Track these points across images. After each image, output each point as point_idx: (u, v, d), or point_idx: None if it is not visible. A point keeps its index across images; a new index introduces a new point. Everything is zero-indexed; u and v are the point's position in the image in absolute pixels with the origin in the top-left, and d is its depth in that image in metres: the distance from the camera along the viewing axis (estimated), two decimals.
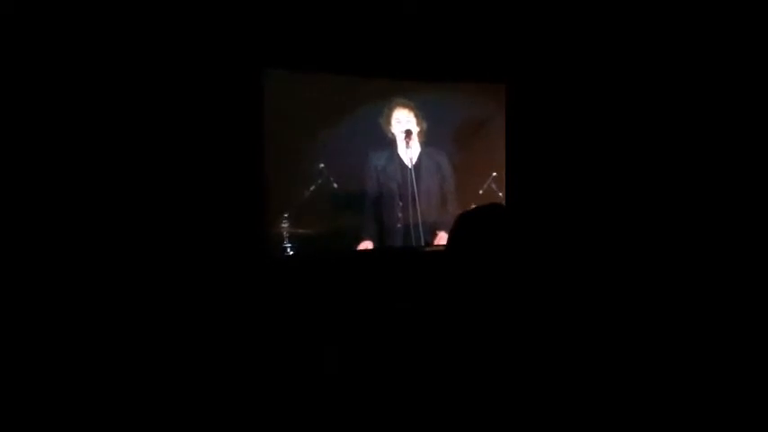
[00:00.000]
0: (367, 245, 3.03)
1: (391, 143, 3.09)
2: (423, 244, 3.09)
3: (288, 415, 2.02)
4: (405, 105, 3.13)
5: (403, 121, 3.11)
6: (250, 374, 2.25)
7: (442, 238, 3.14)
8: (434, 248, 3.10)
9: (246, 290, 2.60)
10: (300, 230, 2.85)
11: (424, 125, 3.15)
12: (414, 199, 3.06)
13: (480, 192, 3.24)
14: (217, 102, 2.61)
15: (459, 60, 3.12)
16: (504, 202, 3.20)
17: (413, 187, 3.06)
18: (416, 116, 3.14)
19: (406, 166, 3.08)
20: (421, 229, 3.08)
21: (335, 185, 2.94)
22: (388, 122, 3.09)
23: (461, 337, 1.00)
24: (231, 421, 2.04)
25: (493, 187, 3.25)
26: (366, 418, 1.04)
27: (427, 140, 3.15)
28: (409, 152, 3.08)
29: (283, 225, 2.83)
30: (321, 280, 2.79)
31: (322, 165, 2.91)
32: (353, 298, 2.69)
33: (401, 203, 3.07)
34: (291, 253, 2.85)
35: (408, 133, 3.07)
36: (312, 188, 2.89)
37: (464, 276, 1.05)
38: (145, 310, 2.36)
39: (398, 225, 3.08)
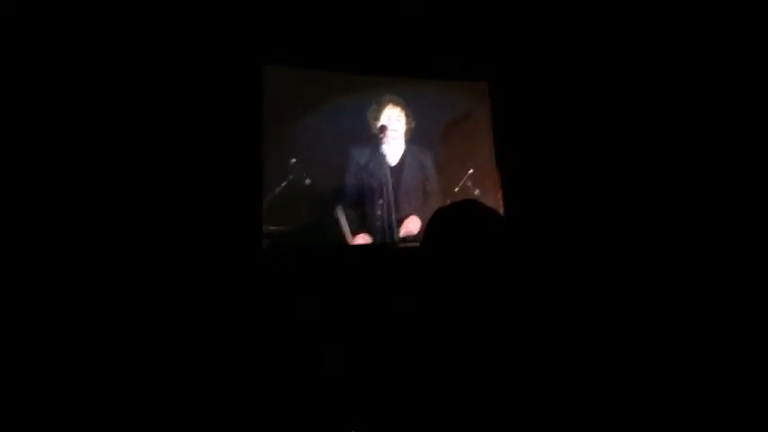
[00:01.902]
0: (365, 238, 2.95)
1: (375, 140, 3.03)
2: (399, 240, 3.04)
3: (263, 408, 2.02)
4: (396, 103, 3.09)
5: (393, 118, 3.07)
6: (220, 369, 2.22)
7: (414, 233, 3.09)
8: (409, 245, 3.05)
9: (222, 282, 2.55)
10: (271, 227, 2.77)
11: (413, 124, 3.10)
12: (394, 197, 2.99)
13: (456, 189, 3.19)
14: (210, 96, 2.64)
15: (444, 58, 3.09)
16: (479, 199, 3.15)
17: (393, 185, 3.00)
18: (404, 114, 3.10)
19: (388, 164, 3.02)
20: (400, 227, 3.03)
21: (308, 182, 2.86)
22: (376, 119, 3.04)
23: (437, 333, 0.99)
24: (211, 415, 2.04)
25: (468, 185, 3.22)
26: (339, 417, 1.01)
27: (412, 138, 3.11)
28: (389, 149, 3.03)
29: None
30: (293, 276, 2.71)
31: (294, 160, 2.83)
32: (326, 294, 2.63)
33: (380, 201, 3.01)
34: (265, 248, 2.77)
35: (383, 129, 3.01)
36: (283, 184, 2.80)
37: (438, 273, 1.03)
38: (122, 305, 2.33)
39: (378, 223, 3.00)
